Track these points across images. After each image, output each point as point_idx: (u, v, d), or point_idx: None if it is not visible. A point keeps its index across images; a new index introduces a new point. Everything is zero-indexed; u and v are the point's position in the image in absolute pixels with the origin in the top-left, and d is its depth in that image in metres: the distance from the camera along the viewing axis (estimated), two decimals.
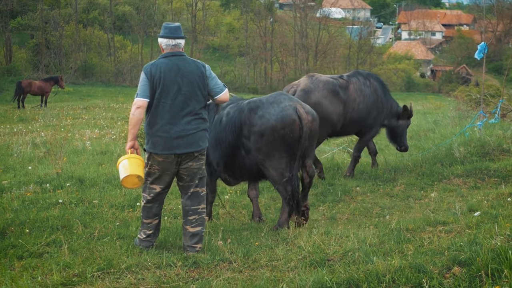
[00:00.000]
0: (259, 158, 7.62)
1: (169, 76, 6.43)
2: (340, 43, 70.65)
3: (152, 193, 6.70)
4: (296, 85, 11.29)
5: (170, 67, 6.46)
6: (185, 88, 6.46)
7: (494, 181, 10.42)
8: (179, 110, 6.45)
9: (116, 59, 59.11)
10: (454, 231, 6.84)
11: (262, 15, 67.82)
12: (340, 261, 5.86)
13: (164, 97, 6.42)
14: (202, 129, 6.60)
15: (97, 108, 30.15)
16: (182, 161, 6.58)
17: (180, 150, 6.48)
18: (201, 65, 6.62)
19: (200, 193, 6.76)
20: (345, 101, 11.36)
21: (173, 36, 6.58)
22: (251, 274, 5.82)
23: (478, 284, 4.80)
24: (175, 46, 6.59)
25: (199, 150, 6.60)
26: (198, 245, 6.63)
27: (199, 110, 6.55)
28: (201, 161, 6.70)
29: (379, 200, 9.87)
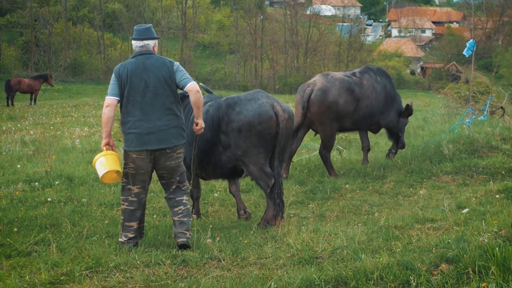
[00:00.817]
0: (238, 154, 7.75)
1: (136, 74, 6.59)
2: (330, 40, 70.76)
3: (131, 195, 6.78)
4: (312, 84, 11.43)
5: (137, 65, 6.63)
6: (152, 84, 6.59)
7: (482, 178, 10.45)
8: (149, 106, 6.58)
9: (106, 57, 59.03)
10: (442, 228, 6.87)
11: (252, 12, 67.78)
12: (328, 258, 5.88)
13: (133, 94, 6.58)
14: (174, 125, 6.68)
15: (86, 106, 30.08)
16: (156, 160, 6.69)
17: (152, 146, 6.59)
18: (168, 61, 6.74)
19: (182, 187, 6.91)
20: (360, 98, 11.60)
21: (141, 38, 6.78)
22: (239, 272, 5.83)
23: (465, 281, 4.82)
24: (143, 46, 6.78)
25: (171, 147, 6.67)
26: (188, 232, 6.72)
27: (170, 105, 6.66)
28: (179, 159, 6.80)
29: (368, 197, 9.88)
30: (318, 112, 11.24)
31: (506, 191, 8.96)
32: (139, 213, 6.82)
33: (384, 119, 12.21)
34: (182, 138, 6.77)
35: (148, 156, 6.63)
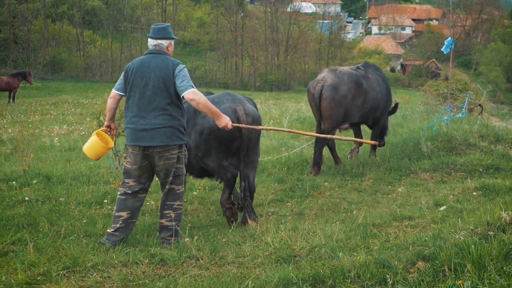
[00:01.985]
0: (198, 155, 7.96)
1: (140, 71, 6.77)
2: (311, 37, 70.90)
3: (126, 187, 6.96)
4: (322, 80, 11.58)
5: (142, 63, 6.82)
6: (151, 83, 6.71)
7: (460, 176, 10.53)
8: (147, 104, 6.71)
9: (85, 54, 58.65)
10: (419, 226, 6.91)
11: (233, 9, 67.72)
12: (306, 257, 5.88)
13: (134, 91, 6.78)
14: (169, 125, 6.72)
15: (66, 104, 29.89)
16: (151, 157, 6.80)
17: (144, 142, 6.72)
18: (172, 63, 6.78)
19: (176, 190, 6.97)
20: (367, 91, 11.87)
21: (155, 37, 6.96)
22: (217, 271, 5.82)
23: (441, 279, 4.84)
24: (156, 45, 6.95)
25: (163, 146, 6.73)
26: (172, 238, 6.83)
27: (166, 106, 6.72)
28: (173, 160, 6.83)
29: (347, 195, 9.92)
30: (329, 107, 11.42)
31: (483, 188, 9.03)
32: (132, 204, 6.93)
33: (383, 112, 12.54)
34: (177, 139, 6.81)
35: (141, 152, 6.77)
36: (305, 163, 12.06)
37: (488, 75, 66.06)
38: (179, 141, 6.85)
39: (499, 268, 4.64)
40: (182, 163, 7.01)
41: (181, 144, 6.90)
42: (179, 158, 6.94)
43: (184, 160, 7.05)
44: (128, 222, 6.92)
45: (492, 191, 8.86)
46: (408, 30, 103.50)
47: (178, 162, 6.93)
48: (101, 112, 11.57)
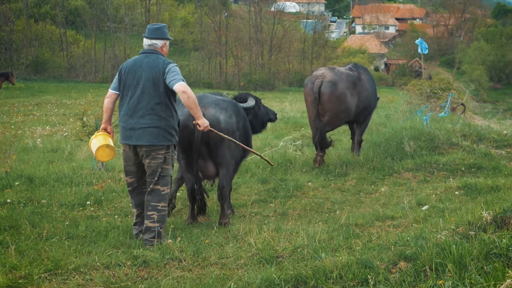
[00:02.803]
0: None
1: (132, 71, 6.89)
2: (295, 37, 70.93)
3: (128, 184, 7.23)
4: (321, 76, 11.77)
5: (135, 63, 6.94)
6: (142, 83, 6.80)
7: (443, 175, 10.58)
8: (136, 103, 6.82)
9: (68, 54, 58.46)
10: (402, 226, 6.95)
11: (217, 9, 67.70)
12: (289, 257, 5.89)
13: (126, 90, 6.91)
14: (156, 126, 6.79)
15: (49, 104, 29.71)
16: (140, 155, 6.95)
17: (131, 141, 6.87)
18: (163, 62, 6.86)
19: (161, 191, 6.98)
20: (360, 92, 12.15)
21: (149, 36, 7.07)
22: (200, 273, 5.81)
23: (422, 279, 4.86)
24: (151, 45, 7.05)
25: (149, 146, 6.81)
26: (155, 240, 6.81)
27: (154, 105, 6.79)
28: (159, 160, 6.89)
29: (330, 195, 9.94)
30: (329, 101, 11.62)
31: (465, 187, 9.09)
32: (136, 199, 7.18)
33: (372, 111, 12.92)
34: (164, 140, 6.86)
35: (132, 150, 6.95)
36: (288, 163, 12.06)
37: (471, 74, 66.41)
38: (166, 141, 6.88)
39: (479, 268, 4.66)
40: (169, 164, 7.01)
41: (168, 145, 6.93)
42: (166, 159, 6.95)
43: (171, 161, 7.06)
44: (142, 215, 7.16)
45: (474, 190, 8.92)
46: (392, 29, 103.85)
47: (165, 163, 6.95)
48: (84, 113, 11.52)
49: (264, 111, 9.69)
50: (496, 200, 6.98)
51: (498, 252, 4.83)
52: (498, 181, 9.22)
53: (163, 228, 6.99)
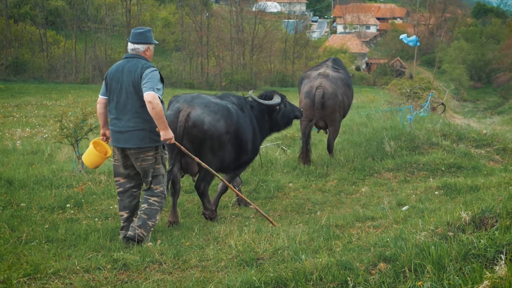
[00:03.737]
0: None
1: (115, 76, 7.04)
2: (276, 37, 71.07)
3: (118, 185, 7.33)
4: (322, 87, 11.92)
5: (118, 68, 7.09)
6: (125, 87, 6.95)
7: (423, 175, 10.63)
8: (122, 107, 6.98)
9: (49, 55, 58.12)
10: (382, 226, 6.96)
11: (198, 9, 67.62)
12: (269, 259, 5.88)
13: (112, 94, 7.06)
14: (141, 128, 6.95)
15: (29, 106, 29.55)
16: (131, 157, 7.09)
17: (120, 144, 7.04)
18: (141, 66, 6.95)
19: (154, 190, 7.20)
20: (351, 91, 12.77)
21: (132, 41, 7.20)
22: (180, 276, 5.79)
23: (402, 280, 4.86)
24: (133, 50, 7.17)
25: (136, 148, 6.98)
26: (139, 229, 6.96)
27: (138, 108, 6.93)
28: (149, 161, 7.08)
29: (311, 195, 9.95)
30: (333, 111, 12.00)
31: (445, 187, 9.14)
32: (126, 202, 7.27)
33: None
34: (151, 141, 7.01)
35: (121, 152, 7.11)
36: (269, 164, 12.06)
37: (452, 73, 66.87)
38: (153, 143, 7.03)
39: (458, 269, 4.68)
40: (159, 164, 7.19)
41: (156, 146, 7.08)
42: (157, 159, 7.14)
43: (161, 160, 7.22)
44: (130, 220, 7.26)
45: (454, 190, 8.97)
46: (373, 29, 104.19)
47: (156, 163, 7.14)
48: (63, 115, 11.42)
49: (290, 109, 9.88)
50: (475, 200, 7.03)
51: (476, 252, 4.85)
52: (478, 180, 9.27)
53: (151, 222, 7.09)
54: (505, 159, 12.10)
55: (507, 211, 5.58)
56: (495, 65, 76.08)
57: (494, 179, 9.20)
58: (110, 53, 61.57)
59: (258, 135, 9.17)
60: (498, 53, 76.34)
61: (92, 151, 7.39)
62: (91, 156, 7.40)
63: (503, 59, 73.35)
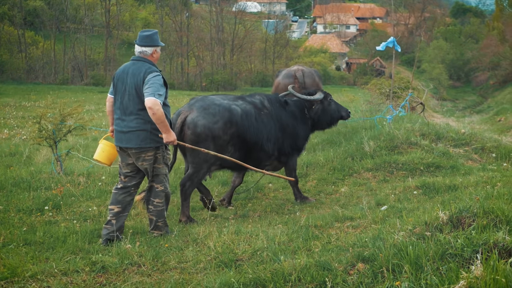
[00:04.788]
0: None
1: (121, 77, 7.24)
2: (256, 37, 71.09)
3: (119, 182, 7.49)
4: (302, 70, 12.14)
5: (123, 70, 7.28)
6: (128, 89, 7.14)
7: (402, 174, 10.67)
8: (125, 108, 7.18)
9: (27, 56, 57.65)
10: (361, 227, 6.98)
11: (178, 9, 67.42)
12: (248, 260, 5.88)
13: (117, 95, 7.29)
14: (142, 129, 7.13)
15: (7, 107, 29.30)
16: (133, 157, 7.28)
17: (122, 144, 7.24)
18: (145, 71, 7.09)
19: (156, 188, 7.42)
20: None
21: (139, 44, 7.33)
22: (159, 278, 5.78)
23: (380, 280, 4.89)
24: (141, 52, 7.31)
25: (137, 148, 7.17)
26: (155, 231, 7.44)
27: (138, 111, 7.12)
28: (149, 161, 7.26)
29: (291, 196, 9.95)
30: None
31: (423, 186, 9.19)
32: (121, 197, 7.39)
33: None
34: (151, 142, 7.18)
35: (123, 152, 7.33)
36: None
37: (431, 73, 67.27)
38: (154, 143, 7.19)
39: (435, 269, 4.70)
40: (160, 163, 7.34)
41: (157, 146, 7.23)
42: (157, 159, 7.29)
43: (163, 160, 7.36)
44: (119, 216, 7.34)
45: (432, 189, 9.01)
46: (353, 28, 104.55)
47: (156, 162, 7.30)
48: (42, 116, 11.34)
49: (335, 108, 10.03)
50: (452, 200, 7.08)
51: (453, 252, 4.88)
52: (456, 180, 9.33)
53: (161, 222, 7.45)
54: (483, 158, 12.18)
55: (484, 211, 5.63)
56: (474, 64, 76.61)
57: (472, 178, 9.27)
58: (90, 54, 61.27)
59: (293, 131, 9.34)
60: (476, 53, 76.87)
61: (107, 144, 7.72)
62: (106, 150, 7.73)
63: (482, 58, 73.84)
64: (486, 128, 27.19)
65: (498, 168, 10.66)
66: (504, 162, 11.51)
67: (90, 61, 60.93)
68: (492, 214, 5.57)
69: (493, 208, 5.65)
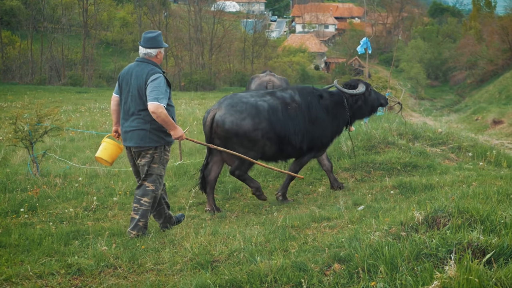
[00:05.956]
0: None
1: (125, 78, 7.45)
2: (235, 36, 70.95)
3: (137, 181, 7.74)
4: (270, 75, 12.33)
5: (128, 71, 7.49)
6: (131, 90, 7.33)
7: (379, 174, 10.72)
8: (128, 108, 7.38)
9: (4, 56, 57.05)
10: (337, 227, 6.99)
11: (156, 9, 67.12)
12: (225, 262, 5.88)
13: (122, 95, 7.51)
14: (142, 128, 7.31)
15: None
16: (134, 156, 7.52)
17: (126, 143, 7.49)
18: (147, 72, 7.28)
19: (146, 187, 7.47)
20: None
21: (144, 46, 7.52)
22: (136, 279, 5.75)
23: (356, 281, 4.90)
24: (145, 54, 7.50)
25: (137, 147, 7.37)
26: (133, 232, 7.37)
27: (139, 111, 7.31)
28: (147, 159, 7.41)
29: (268, 196, 9.94)
30: None
31: (400, 186, 9.23)
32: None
33: None
34: (151, 142, 7.35)
35: (129, 151, 7.57)
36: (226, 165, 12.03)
37: (409, 72, 67.72)
38: (153, 143, 7.35)
39: (410, 269, 4.72)
40: (156, 163, 7.44)
41: (156, 146, 7.37)
42: (154, 158, 7.41)
43: (161, 160, 7.48)
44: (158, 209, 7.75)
45: (409, 189, 9.06)
46: (331, 28, 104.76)
47: (152, 161, 7.42)
48: (17, 117, 11.24)
49: (374, 97, 10.41)
50: (428, 200, 7.12)
51: (428, 252, 4.90)
52: (432, 179, 9.38)
53: (142, 223, 7.40)
54: (459, 157, 12.28)
55: (459, 210, 5.67)
56: (451, 63, 77.16)
57: (448, 178, 9.33)
58: (67, 54, 60.79)
59: (326, 122, 9.65)
60: (454, 52, 77.44)
61: (109, 142, 7.87)
62: (108, 148, 7.85)
63: (459, 57, 74.41)
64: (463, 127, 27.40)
65: (474, 167, 10.74)
66: (480, 161, 11.62)
67: (68, 61, 60.46)
68: (467, 214, 5.61)
69: (468, 208, 5.69)
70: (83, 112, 26.41)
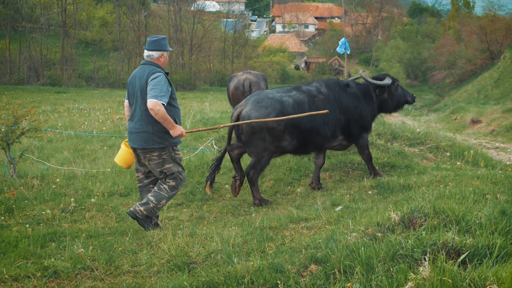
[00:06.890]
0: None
1: (131, 81, 7.73)
2: (215, 36, 70.91)
3: (138, 180, 8.13)
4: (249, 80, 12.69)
5: (134, 74, 7.74)
6: (136, 92, 7.58)
7: (357, 174, 10.74)
8: (134, 110, 7.65)
9: None
10: (315, 227, 7.00)
11: (136, 9, 66.92)
12: (202, 263, 5.88)
13: (130, 98, 7.79)
14: (144, 130, 7.52)
15: None
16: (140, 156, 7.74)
17: (132, 144, 7.72)
18: (148, 73, 7.51)
19: (167, 182, 7.75)
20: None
21: (147, 48, 7.78)
22: (112, 282, 5.73)
23: (332, 282, 4.91)
24: (148, 56, 7.75)
25: (141, 148, 7.61)
26: (140, 207, 7.61)
27: (143, 112, 7.52)
28: (155, 161, 7.64)
29: (247, 197, 9.94)
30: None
31: (378, 186, 9.26)
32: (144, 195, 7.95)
33: None
34: (154, 143, 7.54)
35: (135, 151, 7.79)
36: (205, 165, 12.00)
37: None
38: (157, 144, 7.55)
39: (386, 270, 4.74)
40: (170, 163, 7.68)
41: (162, 147, 7.57)
42: (165, 160, 7.64)
43: (172, 160, 7.70)
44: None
45: (387, 189, 9.08)
46: (311, 28, 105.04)
47: (165, 163, 7.66)
48: None
49: (401, 93, 10.75)
50: (405, 200, 7.15)
51: (404, 253, 4.92)
52: (410, 179, 9.41)
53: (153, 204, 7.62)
54: (437, 157, 12.33)
55: (434, 211, 5.70)
56: (430, 63, 77.66)
57: (426, 178, 9.36)
58: (46, 53, 60.36)
59: (356, 111, 9.99)
60: (433, 52, 77.92)
61: (124, 150, 8.09)
62: (123, 155, 8.11)
63: (438, 57, 74.88)
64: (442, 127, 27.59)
65: (452, 167, 10.79)
66: (458, 161, 11.67)
67: (47, 61, 60.03)
68: (443, 214, 5.64)
69: (444, 208, 5.73)
70: (62, 113, 26.21)
